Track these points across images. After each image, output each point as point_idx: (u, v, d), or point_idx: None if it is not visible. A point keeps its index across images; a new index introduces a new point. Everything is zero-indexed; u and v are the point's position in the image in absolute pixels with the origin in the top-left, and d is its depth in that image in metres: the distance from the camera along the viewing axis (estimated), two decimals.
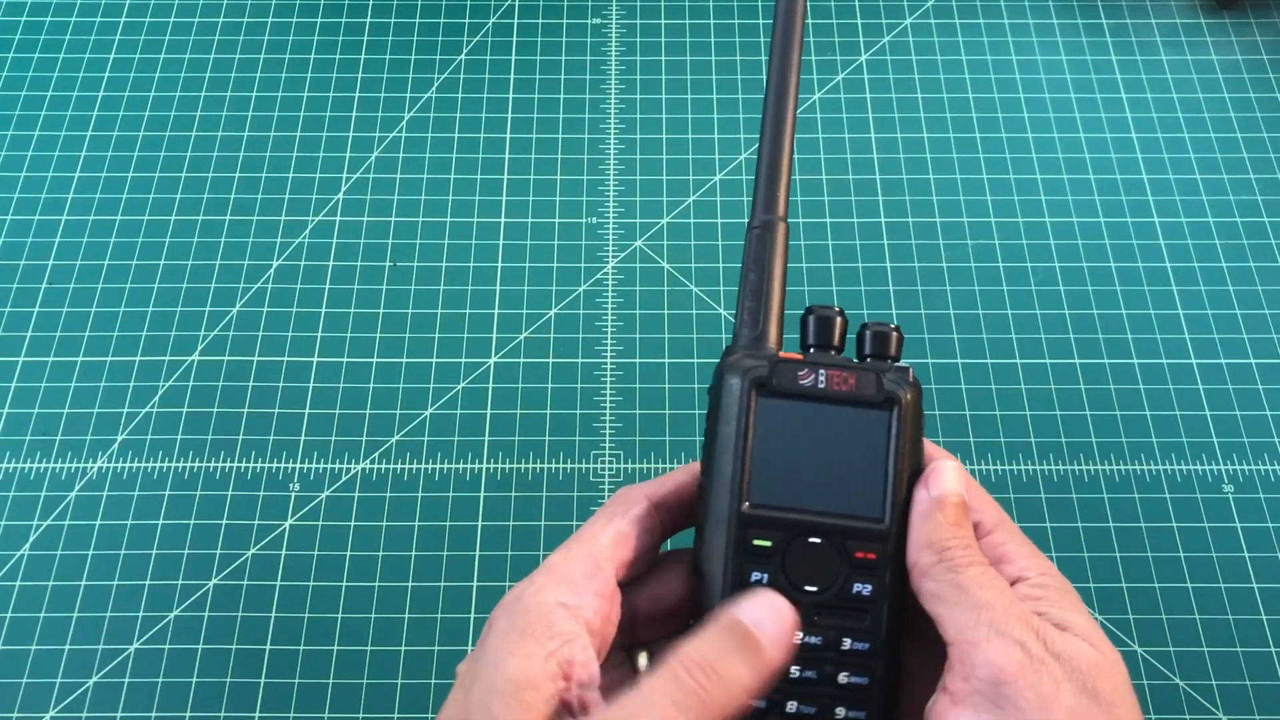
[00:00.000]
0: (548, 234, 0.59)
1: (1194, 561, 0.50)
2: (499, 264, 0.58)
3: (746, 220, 0.33)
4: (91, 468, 0.53)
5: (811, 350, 0.32)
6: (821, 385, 0.31)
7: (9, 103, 0.64)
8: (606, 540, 0.31)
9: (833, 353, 0.32)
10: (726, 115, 0.63)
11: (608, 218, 0.60)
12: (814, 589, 0.30)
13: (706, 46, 0.66)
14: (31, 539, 0.51)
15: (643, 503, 0.32)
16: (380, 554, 0.51)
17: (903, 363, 0.32)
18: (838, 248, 0.59)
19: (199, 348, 0.56)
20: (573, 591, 0.29)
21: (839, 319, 0.32)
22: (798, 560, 0.30)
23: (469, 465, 0.53)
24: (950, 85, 0.64)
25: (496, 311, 0.57)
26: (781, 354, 0.31)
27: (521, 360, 0.56)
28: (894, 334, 0.32)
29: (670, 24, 0.67)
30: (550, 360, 0.56)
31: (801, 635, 0.30)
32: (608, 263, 0.58)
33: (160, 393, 0.55)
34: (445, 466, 0.53)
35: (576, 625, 0.28)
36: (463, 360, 0.56)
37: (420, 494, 0.52)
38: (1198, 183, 0.61)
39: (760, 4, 0.67)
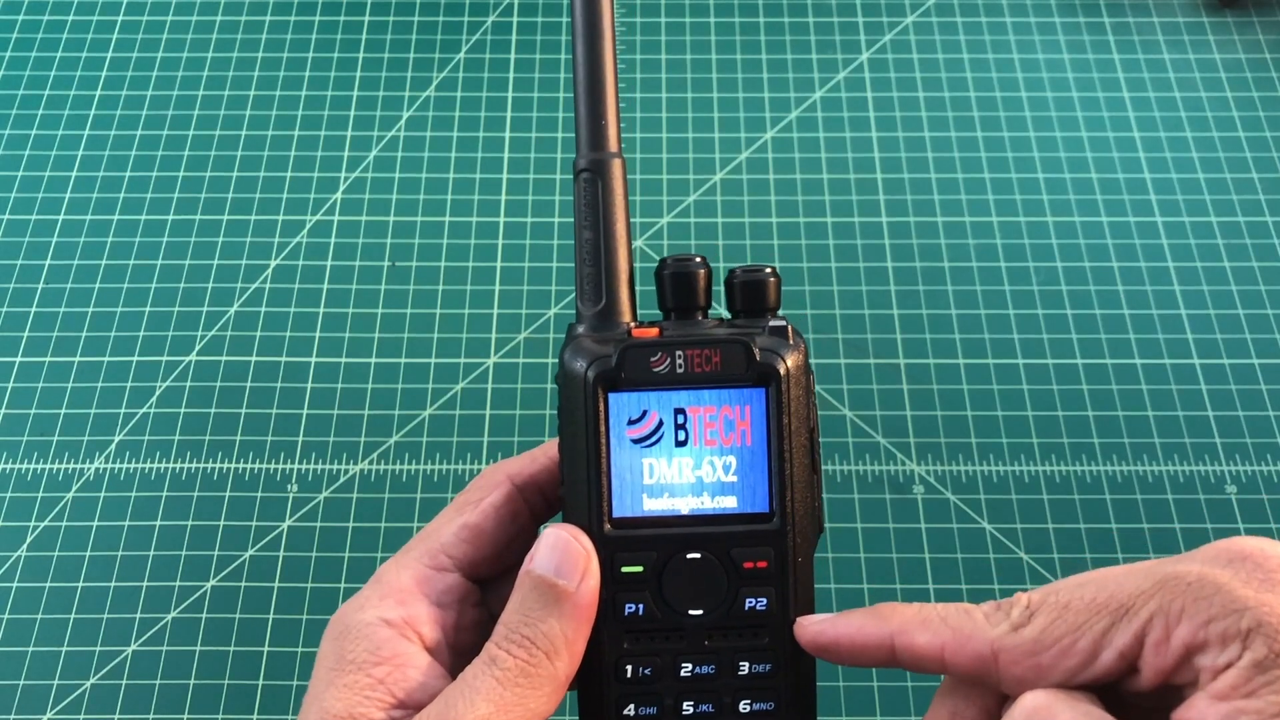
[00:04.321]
0: (547, 234, 0.59)
1: None
2: (498, 264, 0.58)
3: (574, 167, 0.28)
4: (89, 468, 0.53)
5: (671, 315, 0.27)
6: (680, 369, 0.25)
7: (6, 101, 0.64)
8: (450, 538, 0.27)
9: (698, 315, 0.27)
10: (727, 114, 0.63)
11: None
12: (699, 611, 0.26)
13: (706, 45, 0.66)
14: (28, 540, 0.51)
15: (503, 486, 0.28)
16: (379, 556, 0.50)
17: (781, 318, 0.27)
18: (838, 247, 0.58)
19: (196, 348, 0.56)
20: (400, 604, 0.26)
21: (701, 271, 0.27)
22: (677, 582, 0.26)
23: (468, 466, 0.53)
24: (952, 84, 0.64)
25: (495, 311, 0.57)
26: (633, 329, 0.26)
27: (521, 360, 0.55)
28: (770, 281, 0.27)
29: (670, 22, 0.66)
30: (550, 360, 0.55)
31: (691, 667, 0.26)
32: None
33: (158, 393, 0.54)
34: (444, 468, 0.53)
35: (409, 643, 0.25)
36: (461, 360, 0.55)
37: (419, 495, 0.52)
38: (1200, 182, 0.61)
39: (761, 3, 0.67)
